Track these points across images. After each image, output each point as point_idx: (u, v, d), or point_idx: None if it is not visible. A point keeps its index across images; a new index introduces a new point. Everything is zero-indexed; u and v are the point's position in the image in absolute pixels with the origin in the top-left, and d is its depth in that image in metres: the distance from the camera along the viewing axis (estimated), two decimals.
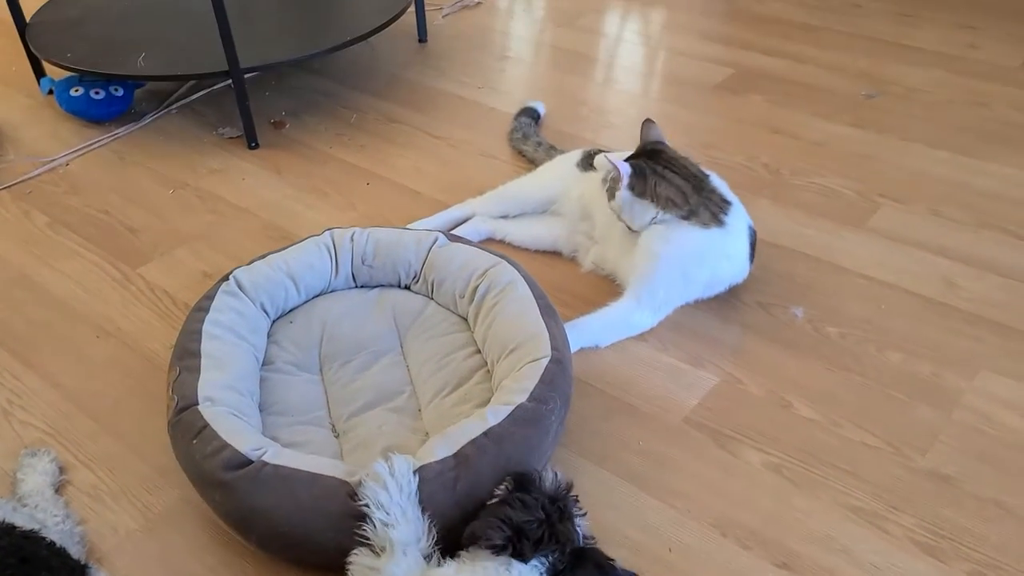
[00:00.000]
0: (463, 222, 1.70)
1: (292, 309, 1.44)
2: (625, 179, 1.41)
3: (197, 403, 1.15)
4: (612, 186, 1.44)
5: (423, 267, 1.46)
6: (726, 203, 1.44)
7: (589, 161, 1.63)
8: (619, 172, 1.40)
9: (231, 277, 1.37)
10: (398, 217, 1.75)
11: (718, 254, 1.43)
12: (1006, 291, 1.53)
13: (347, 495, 1.01)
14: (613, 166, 1.41)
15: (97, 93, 2.09)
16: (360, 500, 1.00)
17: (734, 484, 1.20)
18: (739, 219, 1.45)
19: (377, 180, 1.89)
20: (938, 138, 1.99)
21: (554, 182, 1.68)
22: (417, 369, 1.33)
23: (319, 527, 1.02)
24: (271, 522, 1.03)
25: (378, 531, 0.97)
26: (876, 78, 2.26)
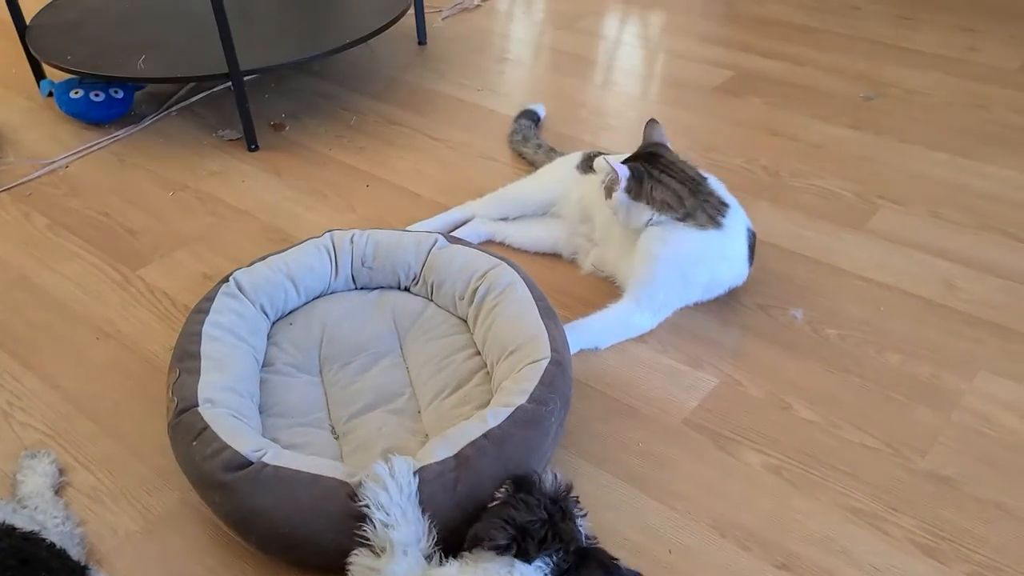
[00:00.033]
0: (463, 224, 1.70)
1: (292, 311, 1.44)
2: (623, 182, 1.41)
3: (197, 405, 1.15)
4: (610, 186, 1.45)
5: (423, 269, 1.46)
6: (724, 205, 1.44)
7: (589, 163, 1.64)
8: (617, 175, 1.41)
9: (231, 279, 1.37)
10: (398, 219, 1.75)
11: (716, 256, 1.43)
12: (1005, 293, 1.53)
13: (347, 496, 1.02)
14: (612, 169, 1.41)
15: (97, 95, 2.09)
16: (360, 501, 1.00)
17: (734, 485, 1.20)
18: (737, 221, 1.45)
19: (377, 182, 1.90)
20: (937, 140, 1.99)
21: (554, 184, 1.68)
22: (417, 371, 1.33)
23: (319, 528, 1.02)
24: (271, 523, 1.03)
25: (378, 532, 0.98)
26: (875, 80, 2.27)
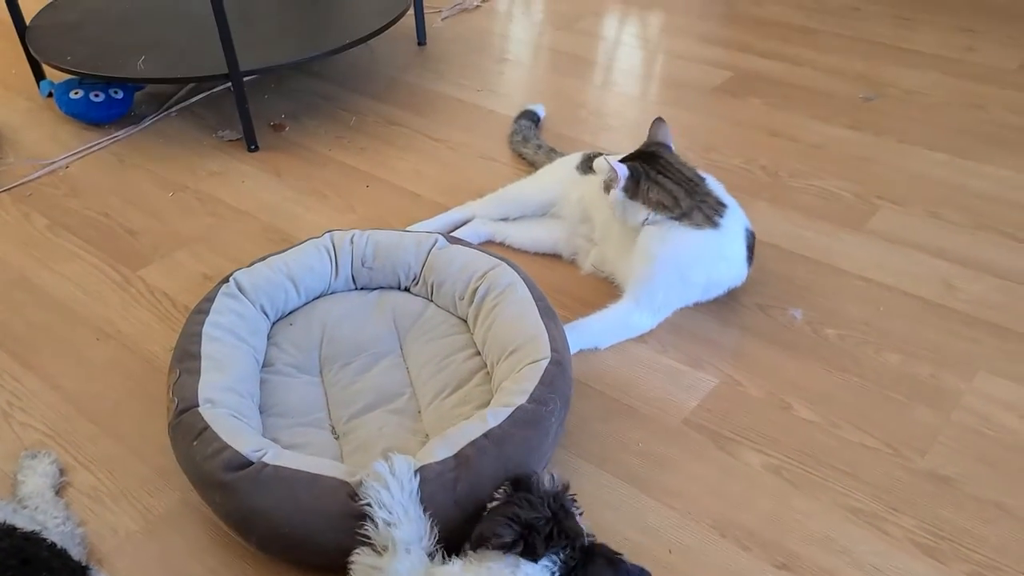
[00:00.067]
0: (463, 224, 1.70)
1: (292, 311, 1.44)
2: (621, 181, 1.42)
3: (197, 405, 1.15)
4: (609, 183, 1.46)
5: (423, 269, 1.46)
6: (721, 205, 1.44)
7: (589, 164, 1.64)
8: (616, 174, 1.41)
9: (231, 279, 1.37)
10: (398, 219, 1.76)
11: (714, 255, 1.43)
12: (1004, 293, 1.53)
13: (347, 495, 1.02)
14: (611, 168, 1.42)
15: (97, 96, 2.09)
16: (361, 500, 1.00)
17: (734, 485, 1.21)
18: (735, 221, 1.45)
19: (377, 182, 1.90)
20: (936, 140, 1.99)
21: (554, 185, 1.68)
22: (417, 371, 1.33)
23: (319, 528, 1.02)
24: (271, 523, 1.03)
25: (380, 530, 0.98)
26: (874, 81, 2.27)
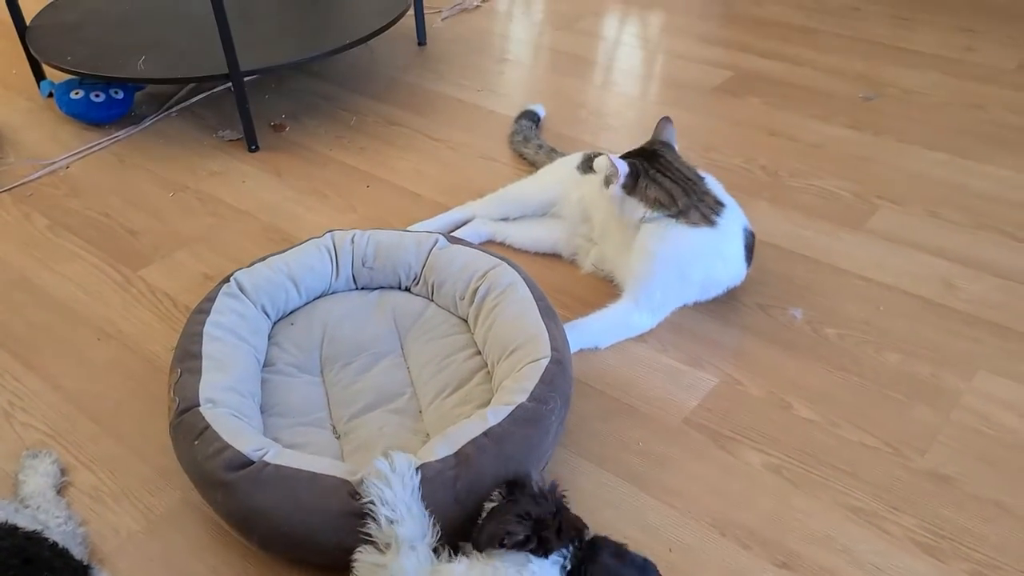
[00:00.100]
0: (463, 224, 1.70)
1: (293, 311, 1.44)
2: (621, 177, 1.43)
3: (198, 404, 1.15)
4: (609, 178, 1.47)
5: (423, 269, 1.46)
6: (719, 205, 1.45)
7: (589, 164, 1.64)
8: (617, 170, 1.42)
9: (232, 279, 1.38)
10: (398, 219, 1.76)
11: (712, 254, 1.44)
12: (1004, 292, 1.54)
13: (348, 494, 1.02)
14: (612, 163, 1.42)
15: (97, 96, 2.09)
16: (362, 498, 1.00)
17: (734, 484, 1.21)
18: (733, 221, 1.45)
19: (377, 182, 1.90)
20: (935, 140, 2.00)
21: (554, 185, 1.69)
22: (418, 371, 1.34)
23: (320, 526, 1.02)
24: (272, 522, 1.03)
25: (383, 528, 0.98)
26: (874, 80, 2.27)
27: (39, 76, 2.26)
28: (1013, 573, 1.09)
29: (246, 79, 1.95)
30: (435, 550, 0.99)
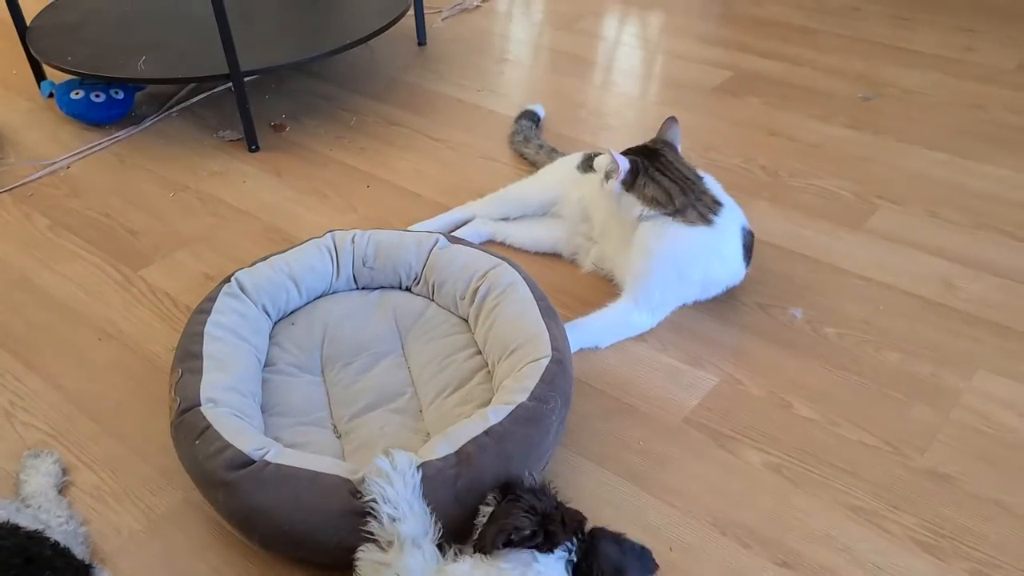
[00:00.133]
0: (464, 224, 1.70)
1: (293, 311, 1.45)
2: (621, 174, 1.43)
3: (199, 404, 1.15)
4: (609, 173, 1.47)
5: (424, 269, 1.46)
6: (717, 204, 1.45)
7: (589, 163, 1.64)
8: (618, 165, 1.42)
9: (233, 279, 1.38)
10: (399, 219, 1.76)
11: (710, 252, 1.44)
12: (1003, 291, 1.54)
13: (349, 493, 1.02)
14: (613, 159, 1.43)
15: (98, 96, 2.09)
16: (364, 497, 1.00)
17: (734, 483, 1.21)
18: (731, 220, 1.46)
19: (377, 182, 1.90)
20: (935, 140, 2.00)
21: (554, 185, 1.69)
22: (418, 370, 1.34)
23: (321, 525, 1.02)
24: (273, 521, 1.03)
25: (385, 526, 0.98)
26: (873, 80, 2.27)
27: (39, 76, 2.26)
28: (1013, 572, 1.09)
29: (246, 79, 1.95)
30: (439, 547, 0.99)
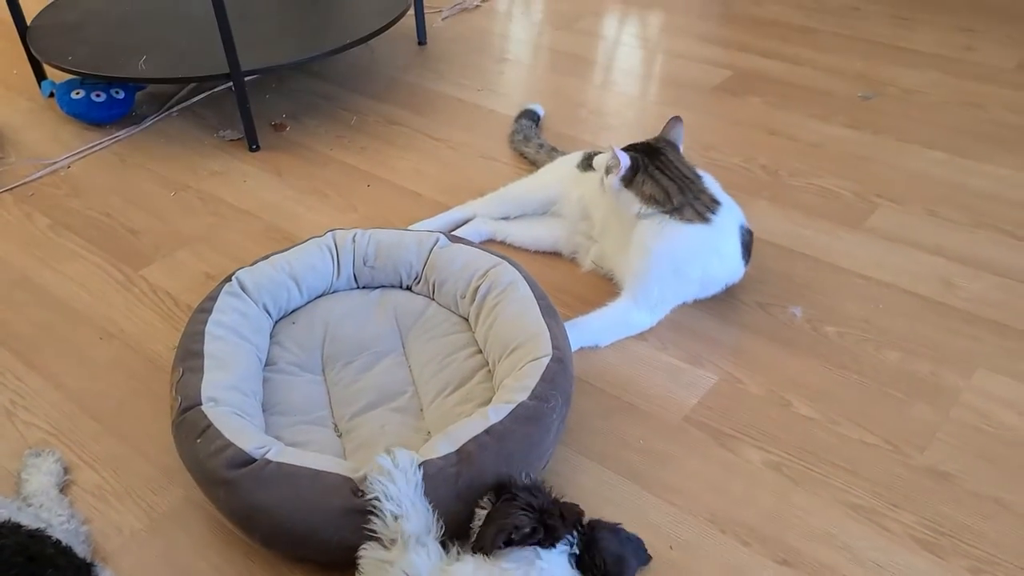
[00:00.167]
0: (464, 223, 1.71)
1: (294, 310, 1.45)
2: (622, 170, 1.43)
3: (200, 403, 1.15)
4: (609, 168, 1.48)
5: (424, 268, 1.47)
6: (715, 203, 1.45)
7: (589, 162, 1.65)
8: (619, 161, 1.43)
9: (234, 278, 1.38)
10: (399, 218, 1.76)
11: (708, 250, 1.44)
12: (1003, 290, 1.54)
13: (351, 491, 1.02)
14: (615, 154, 1.43)
15: (98, 96, 2.10)
16: (366, 495, 1.00)
17: (734, 482, 1.21)
18: (729, 218, 1.46)
19: (378, 182, 1.90)
20: (935, 139, 2.00)
21: (554, 183, 1.69)
22: (419, 369, 1.34)
23: (323, 523, 1.02)
24: (275, 519, 1.04)
25: (388, 524, 0.98)
26: (873, 80, 2.28)
27: (40, 76, 2.26)
28: (1012, 570, 1.09)
29: (247, 79, 1.95)
30: (443, 544, 0.99)
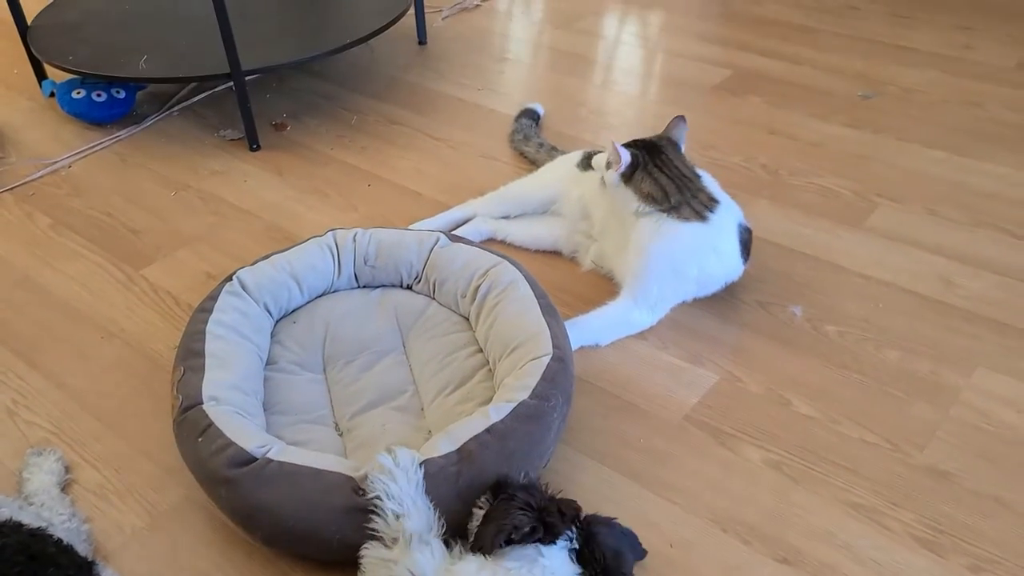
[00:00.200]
0: (464, 223, 1.71)
1: (295, 309, 1.45)
2: (622, 166, 1.44)
3: (202, 402, 1.16)
4: (609, 164, 1.48)
5: (425, 267, 1.47)
6: (713, 201, 1.45)
7: (589, 162, 1.65)
8: (619, 156, 1.43)
9: (234, 277, 1.38)
10: (399, 218, 1.76)
11: (705, 249, 1.44)
12: (1003, 289, 1.54)
13: (352, 490, 1.02)
14: (616, 150, 1.43)
15: (99, 95, 2.10)
16: (367, 494, 1.00)
17: (734, 481, 1.21)
18: (727, 217, 1.46)
19: (378, 181, 1.90)
20: (934, 138, 2.00)
21: (554, 183, 1.69)
22: (419, 368, 1.34)
23: (324, 522, 1.03)
24: (276, 518, 1.04)
25: (390, 522, 0.98)
26: (872, 79, 2.28)
27: (41, 76, 2.26)
28: (1012, 568, 1.09)
29: (247, 78, 1.95)
30: (446, 543, 0.99)
